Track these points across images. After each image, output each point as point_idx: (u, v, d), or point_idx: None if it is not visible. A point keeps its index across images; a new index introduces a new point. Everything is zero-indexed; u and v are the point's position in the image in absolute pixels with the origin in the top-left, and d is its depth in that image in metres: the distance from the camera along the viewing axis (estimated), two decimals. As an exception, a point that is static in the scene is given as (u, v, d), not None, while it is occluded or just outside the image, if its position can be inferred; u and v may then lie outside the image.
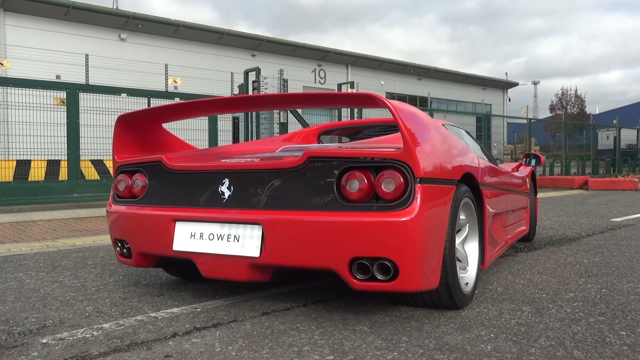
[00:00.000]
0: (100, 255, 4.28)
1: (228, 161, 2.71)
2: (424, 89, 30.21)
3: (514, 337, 2.23)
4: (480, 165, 3.11)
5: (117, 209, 2.96)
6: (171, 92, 10.20)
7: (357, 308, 2.66)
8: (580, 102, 55.67)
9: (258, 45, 22.97)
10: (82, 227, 6.23)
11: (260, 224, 2.43)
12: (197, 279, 3.31)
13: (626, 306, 2.69)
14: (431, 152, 2.42)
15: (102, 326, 2.40)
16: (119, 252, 3.02)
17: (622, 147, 23.41)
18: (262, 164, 2.55)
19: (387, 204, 2.27)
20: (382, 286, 2.30)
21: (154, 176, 2.85)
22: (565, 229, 5.80)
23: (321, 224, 2.31)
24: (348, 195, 2.31)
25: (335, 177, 2.35)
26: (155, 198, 2.82)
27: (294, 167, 2.42)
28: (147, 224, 2.77)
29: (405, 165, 2.27)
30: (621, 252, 4.29)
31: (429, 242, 2.31)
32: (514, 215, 4.07)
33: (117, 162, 3.06)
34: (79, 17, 17.58)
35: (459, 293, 2.58)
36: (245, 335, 2.27)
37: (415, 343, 2.15)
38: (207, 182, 2.63)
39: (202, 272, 2.60)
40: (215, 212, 2.57)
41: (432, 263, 2.36)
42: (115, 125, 3.10)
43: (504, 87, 36.65)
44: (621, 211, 7.71)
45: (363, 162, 2.33)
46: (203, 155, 3.11)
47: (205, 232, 2.57)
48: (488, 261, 3.07)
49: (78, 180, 8.43)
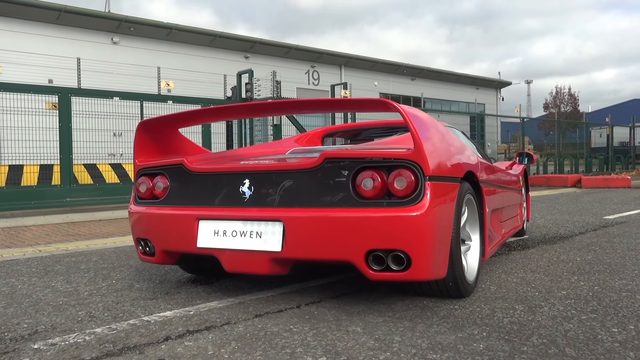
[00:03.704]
0: (93, 259, 4.26)
1: (247, 163, 2.87)
2: (418, 89, 30.24)
3: (506, 335, 2.23)
4: (479, 163, 3.29)
5: (139, 209, 3.09)
6: (164, 95, 10.18)
7: (350, 309, 2.66)
8: (573, 101, 55.95)
9: (251, 47, 22.94)
10: (76, 232, 6.20)
11: (282, 221, 2.58)
12: (213, 275, 3.48)
13: (618, 303, 2.70)
14: (438, 152, 2.60)
15: (95, 331, 2.39)
16: (142, 250, 3.14)
17: (615, 145, 23.53)
18: (281, 165, 2.73)
19: (399, 200, 2.45)
20: (396, 276, 2.46)
21: (176, 178, 2.99)
22: (558, 227, 5.83)
23: (339, 219, 2.48)
24: (363, 193, 2.49)
25: (350, 176, 2.52)
26: (178, 199, 2.97)
27: (312, 168, 2.60)
28: (171, 223, 2.92)
29: (415, 165, 2.44)
30: (613, 249, 4.31)
31: (438, 235, 2.48)
32: (509, 210, 4.23)
33: (138, 165, 3.19)
34: (71, 21, 17.51)
35: (464, 282, 2.78)
36: (238, 337, 2.26)
37: (408, 343, 2.15)
38: (229, 182, 2.79)
39: (225, 267, 2.75)
40: (237, 211, 2.72)
41: (441, 254, 2.53)
42: (136, 130, 3.23)
43: (497, 87, 36.76)
44: (614, 209, 7.75)
45: (376, 162, 2.51)
46: (221, 158, 3.27)
47: (228, 230, 2.72)
48: (488, 254, 3.24)
49: (71, 184, 8.40)
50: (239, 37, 22.87)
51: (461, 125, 17.70)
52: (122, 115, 9.12)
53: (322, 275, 3.43)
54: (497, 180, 3.82)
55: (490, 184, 3.50)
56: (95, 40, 18.17)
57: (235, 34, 23.00)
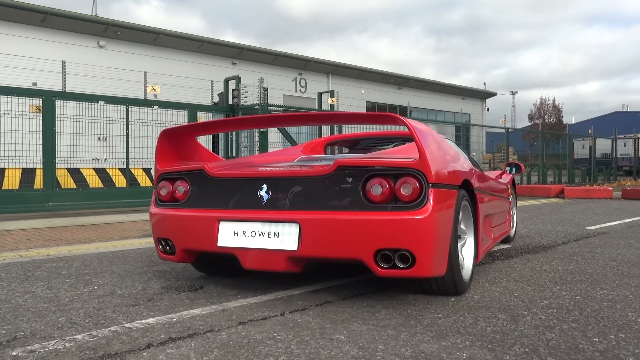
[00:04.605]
0: (75, 265, 4.20)
1: (265, 169, 3.11)
2: (404, 98, 30.41)
3: (489, 344, 2.24)
4: (473, 172, 3.55)
5: (160, 211, 3.29)
6: (150, 100, 10.11)
7: (334, 317, 2.66)
8: (557, 112, 56.64)
9: (239, 53, 22.92)
10: (57, 237, 6.12)
11: (298, 222, 2.81)
12: (226, 274, 3.66)
13: (599, 313, 2.73)
14: (440, 162, 2.86)
15: (75, 337, 2.35)
16: (162, 250, 3.33)
17: (597, 156, 23.86)
18: (297, 171, 2.98)
19: (405, 204, 2.69)
20: (401, 273, 2.70)
21: (196, 183, 3.21)
22: (541, 237, 5.88)
23: (350, 221, 2.71)
24: (372, 198, 2.73)
25: (361, 183, 2.77)
26: (198, 201, 3.18)
27: (326, 174, 2.84)
28: (192, 224, 3.13)
29: (420, 173, 2.69)
30: (595, 259, 4.36)
31: (439, 237, 2.73)
32: (499, 217, 4.50)
33: (159, 170, 3.41)
34: (57, 24, 17.37)
35: (460, 281, 3.04)
36: (221, 345, 2.24)
37: (391, 351, 2.15)
38: (248, 187, 3.02)
39: (244, 265, 2.96)
40: (256, 213, 2.95)
41: (442, 254, 2.78)
42: (159, 138, 3.46)
43: (483, 97, 37.10)
44: (596, 219, 7.85)
45: (385, 170, 2.75)
46: (238, 165, 3.54)
47: (247, 230, 2.94)
48: (481, 255, 3.53)
49: (54, 188, 8.29)
50: (227, 43, 22.83)
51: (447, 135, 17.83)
52: (107, 119, 9.04)
53: (306, 283, 3.42)
54: (489, 188, 4.09)
55: (483, 191, 3.76)
56: (81, 44, 18.03)
57: (223, 40, 22.97)
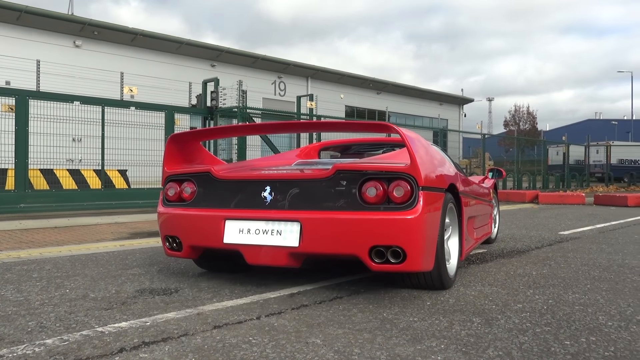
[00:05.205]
0: (46, 267, 4.12)
1: (268, 172, 3.34)
2: (383, 103, 30.59)
3: (463, 347, 2.26)
4: (459, 177, 3.80)
5: (168, 210, 3.50)
6: (126, 101, 9.99)
7: (310, 321, 2.65)
8: (532, 119, 57.61)
9: (218, 55, 22.80)
10: (29, 239, 5.99)
11: (299, 221, 3.03)
12: (227, 270, 3.85)
13: (571, 316, 2.78)
14: (429, 167, 3.10)
15: (45, 342, 2.30)
16: (169, 246, 3.54)
17: (570, 162, 24.29)
18: (298, 174, 3.22)
19: (397, 205, 2.93)
20: (394, 267, 2.93)
21: (203, 184, 3.43)
22: (516, 241, 5.97)
23: (347, 220, 2.94)
24: (367, 199, 2.97)
25: (357, 185, 3.01)
26: (205, 201, 3.40)
27: (325, 177, 3.07)
28: (200, 222, 3.34)
29: (411, 177, 2.94)
30: (568, 264, 4.44)
31: (428, 235, 2.97)
32: (481, 219, 4.78)
33: (166, 172, 3.62)
34: (32, 22, 17.05)
35: (446, 276, 3.28)
36: (196, 349, 2.22)
37: (367, 355, 2.16)
38: (252, 188, 3.24)
39: (248, 260, 3.18)
40: (260, 212, 3.17)
41: (430, 250, 3.02)
42: (167, 142, 3.69)
43: (460, 103, 37.53)
44: (569, 224, 8.00)
45: (379, 174, 2.99)
46: (241, 168, 3.77)
47: (252, 228, 3.15)
48: (465, 254, 3.82)
49: (26, 189, 8.11)
50: (206, 45, 22.69)
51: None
52: (83, 120, 8.89)
53: (283, 286, 3.41)
54: (473, 192, 4.38)
55: (467, 195, 4.01)
56: (56, 43, 17.74)
57: (202, 42, 22.83)
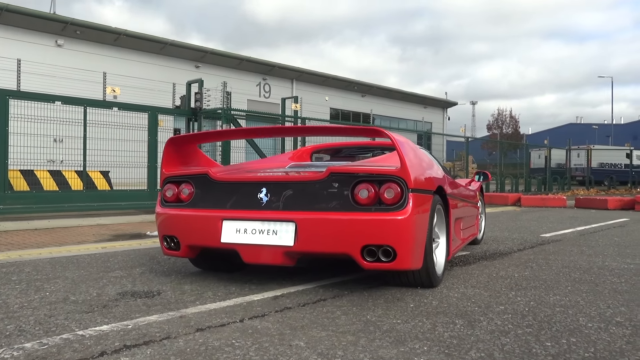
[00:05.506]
0: (26, 270, 4.05)
1: (264, 174, 3.44)
2: (367, 106, 30.69)
3: (446, 349, 2.27)
4: (446, 179, 3.94)
5: (166, 211, 3.58)
6: (109, 102, 9.88)
7: (293, 323, 2.64)
8: (514, 123, 58.16)
9: (202, 57, 22.68)
10: (8, 241, 5.89)
11: (294, 221, 3.14)
12: (223, 269, 3.93)
13: (552, 318, 2.81)
14: (418, 170, 3.23)
15: (24, 346, 2.26)
16: (167, 246, 3.62)
17: (552, 166, 24.56)
18: (294, 177, 3.32)
19: (388, 206, 3.05)
20: (384, 266, 3.07)
21: (200, 186, 3.52)
22: (498, 243, 6.02)
23: (340, 221, 3.06)
24: (359, 200, 3.09)
25: (350, 187, 3.13)
26: (202, 202, 3.49)
27: (320, 179, 3.18)
28: (197, 222, 3.44)
29: (401, 180, 3.06)
30: (549, 266, 4.49)
31: (417, 235, 3.11)
32: (468, 220, 4.90)
33: (164, 174, 3.70)
34: (13, 21, 16.79)
35: (434, 274, 3.42)
36: (178, 352, 2.20)
37: (350, 357, 2.16)
38: (248, 190, 3.34)
39: (244, 259, 3.28)
40: (256, 213, 3.27)
41: (419, 250, 3.15)
42: (165, 145, 3.78)
43: (444, 106, 37.80)
44: (550, 227, 8.09)
45: (371, 177, 3.12)
46: (237, 170, 3.83)
47: (248, 228, 3.25)
48: (452, 253, 3.96)
49: (5, 191, 7.97)
50: (190, 46, 22.56)
51: (409, 142, 18.05)
52: (64, 120, 8.78)
53: (266, 289, 3.39)
54: (460, 194, 4.51)
55: (454, 197, 4.14)
56: (38, 42, 17.49)
57: (186, 43, 22.68)
